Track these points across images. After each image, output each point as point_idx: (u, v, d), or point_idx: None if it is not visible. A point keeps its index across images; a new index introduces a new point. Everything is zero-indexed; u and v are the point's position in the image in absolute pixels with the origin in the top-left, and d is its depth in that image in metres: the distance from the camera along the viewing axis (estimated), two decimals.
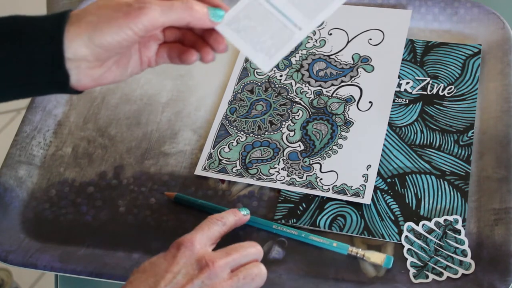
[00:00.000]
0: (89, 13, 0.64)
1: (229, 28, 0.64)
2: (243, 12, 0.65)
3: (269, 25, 0.64)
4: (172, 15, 0.63)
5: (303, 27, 0.64)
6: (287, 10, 0.65)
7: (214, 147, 0.83)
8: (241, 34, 0.64)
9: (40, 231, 0.80)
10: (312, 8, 0.65)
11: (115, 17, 0.63)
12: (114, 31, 0.63)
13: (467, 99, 0.84)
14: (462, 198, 0.77)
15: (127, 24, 0.62)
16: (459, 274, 0.72)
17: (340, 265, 0.74)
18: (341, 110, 0.84)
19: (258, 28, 0.64)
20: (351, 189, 0.78)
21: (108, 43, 0.63)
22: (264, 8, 0.65)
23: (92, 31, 0.63)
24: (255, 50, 0.64)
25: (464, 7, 0.90)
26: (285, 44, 0.64)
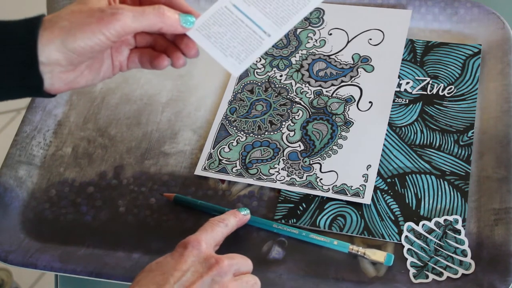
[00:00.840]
0: (62, 18, 0.64)
1: (200, 34, 0.66)
2: (213, 18, 0.67)
3: (239, 31, 0.66)
4: (144, 21, 0.64)
5: (272, 34, 0.66)
6: (256, 17, 0.66)
7: (214, 147, 0.83)
8: (212, 39, 0.66)
9: (40, 231, 0.80)
10: (281, 15, 0.67)
11: (87, 22, 0.64)
12: (87, 36, 0.64)
13: (467, 99, 0.84)
14: (462, 198, 0.77)
15: (99, 29, 0.63)
16: (459, 274, 0.72)
17: (340, 265, 0.74)
18: (341, 110, 0.84)
19: (228, 34, 0.66)
20: (351, 189, 0.78)
21: (81, 48, 0.64)
22: (234, 15, 0.67)
23: (65, 36, 0.63)
24: (225, 55, 0.66)
25: (464, 7, 0.90)
26: (254, 50, 0.66)
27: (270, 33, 0.66)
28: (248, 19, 0.67)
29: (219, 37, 0.66)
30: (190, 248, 0.65)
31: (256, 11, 0.67)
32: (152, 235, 0.78)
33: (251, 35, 0.66)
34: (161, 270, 0.64)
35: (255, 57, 0.66)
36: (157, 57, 0.70)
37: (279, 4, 0.67)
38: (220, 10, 0.67)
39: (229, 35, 0.66)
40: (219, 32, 0.66)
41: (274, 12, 0.67)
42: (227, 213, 0.73)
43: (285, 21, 0.67)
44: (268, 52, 0.90)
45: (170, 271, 0.63)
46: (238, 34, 0.66)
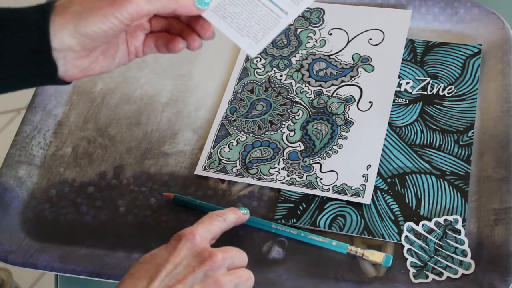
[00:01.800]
0: (73, 2, 0.63)
1: (216, 15, 0.65)
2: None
3: (255, 10, 0.65)
4: (158, 3, 0.64)
5: (289, 12, 0.65)
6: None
7: (214, 147, 0.83)
8: (227, 20, 0.65)
9: (40, 231, 0.80)
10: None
11: (99, 6, 0.63)
12: (99, 20, 0.63)
13: (467, 99, 0.84)
14: (462, 198, 0.77)
15: (112, 12, 0.62)
16: (459, 274, 0.72)
17: (340, 265, 0.74)
18: (341, 110, 0.84)
19: (244, 13, 0.65)
20: (351, 189, 0.78)
21: (94, 32, 0.63)
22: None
23: (77, 20, 0.63)
24: (242, 35, 0.65)
25: (464, 7, 0.90)
26: (271, 29, 0.65)
27: (288, 11, 0.65)
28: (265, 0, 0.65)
29: (235, 17, 0.65)
30: (184, 241, 0.64)
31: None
32: (152, 235, 0.78)
33: (267, 14, 0.65)
34: (154, 262, 0.63)
35: (272, 36, 0.65)
36: (172, 40, 0.69)
37: None
38: None
39: (245, 15, 0.65)
40: (235, 12, 0.65)
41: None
42: (227, 209, 0.72)
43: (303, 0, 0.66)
44: (268, 52, 0.91)
45: (162, 263, 0.63)
46: (255, 13, 0.65)
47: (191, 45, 0.69)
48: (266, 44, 0.65)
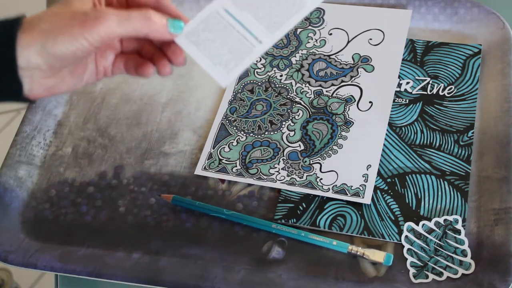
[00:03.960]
0: (42, 20, 0.61)
1: (188, 40, 0.63)
2: (203, 24, 0.63)
3: (229, 38, 0.63)
4: (130, 26, 0.61)
5: (263, 41, 0.63)
6: (249, 23, 0.63)
7: (214, 147, 0.83)
8: (200, 46, 0.63)
9: (40, 231, 0.80)
10: (274, 20, 0.63)
11: (70, 25, 0.60)
12: (68, 40, 0.60)
13: (467, 99, 0.84)
14: (462, 198, 0.77)
15: (81, 33, 0.60)
16: (459, 274, 0.72)
17: (340, 265, 0.74)
18: (341, 110, 0.84)
19: (218, 41, 0.63)
20: (351, 189, 0.78)
21: (62, 52, 0.61)
22: (225, 21, 0.63)
23: (45, 39, 0.60)
24: (214, 63, 0.63)
25: (464, 7, 0.90)
26: (244, 58, 0.63)
27: (262, 40, 0.63)
28: (240, 25, 0.63)
29: (208, 44, 0.63)
30: None
31: (249, 16, 0.63)
32: (152, 235, 0.78)
33: (241, 42, 0.63)
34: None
35: (245, 66, 0.63)
36: (142, 64, 0.67)
37: (273, 8, 0.63)
38: (211, 15, 0.63)
39: (218, 42, 0.63)
40: (208, 39, 0.62)
41: (267, 17, 0.63)
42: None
43: (278, 26, 0.63)
44: (268, 52, 0.90)
45: None
46: (228, 40, 0.63)
47: (161, 70, 0.66)
48: (238, 74, 0.63)
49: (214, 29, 0.62)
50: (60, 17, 0.61)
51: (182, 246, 0.77)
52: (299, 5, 0.63)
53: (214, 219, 0.78)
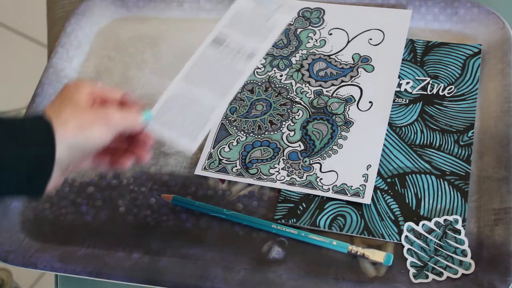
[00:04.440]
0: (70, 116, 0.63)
1: (155, 124, 0.69)
2: (165, 106, 0.70)
3: (188, 112, 0.70)
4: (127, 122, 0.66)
5: (215, 106, 0.71)
6: (202, 95, 0.71)
7: (214, 147, 0.83)
8: (166, 126, 0.69)
9: (40, 231, 0.80)
10: (223, 88, 0.71)
11: (96, 122, 0.64)
12: (99, 134, 0.64)
13: (467, 99, 0.84)
14: (462, 198, 0.77)
15: (107, 127, 0.64)
16: (459, 274, 0.72)
17: (340, 265, 0.74)
18: (341, 110, 0.84)
19: (180, 117, 0.70)
20: (351, 189, 0.78)
21: (91, 146, 0.64)
22: (183, 99, 0.71)
23: (79, 133, 0.62)
24: (179, 137, 0.69)
25: (464, 7, 0.90)
26: (205, 125, 0.70)
27: (214, 106, 0.71)
28: (195, 99, 0.71)
29: (172, 122, 0.69)
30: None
31: (200, 89, 0.71)
32: (152, 235, 0.78)
33: (200, 113, 0.70)
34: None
35: (206, 131, 0.70)
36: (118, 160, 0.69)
37: (221, 79, 0.72)
38: (170, 97, 0.71)
39: (180, 118, 0.70)
40: (171, 118, 0.70)
41: (216, 88, 0.71)
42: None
43: (227, 91, 0.71)
44: (268, 52, 0.90)
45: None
46: (188, 114, 0.70)
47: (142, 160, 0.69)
48: (202, 139, 0.69)
49: (174, 108, 0.70)
50: (82, 113, 0.64)
51: (182, 246, 0.77)
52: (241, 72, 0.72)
53: (214, 219, 0.78)
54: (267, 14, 0.76)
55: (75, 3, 1.00)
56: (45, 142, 0.61)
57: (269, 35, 0.75)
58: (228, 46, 0.74)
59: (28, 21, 1.88)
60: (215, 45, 0.74)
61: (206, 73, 0.73)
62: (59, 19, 1.01)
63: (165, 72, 0.92)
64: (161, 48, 0.95)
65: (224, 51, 0.74)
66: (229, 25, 0.76)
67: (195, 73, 0.73)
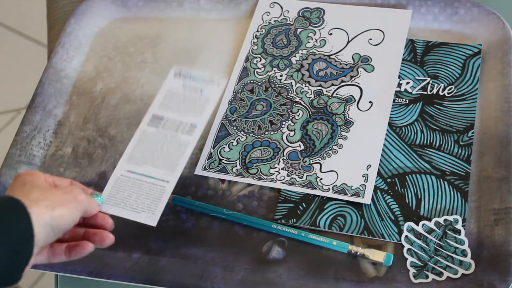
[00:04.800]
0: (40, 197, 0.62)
1: (109, 205, 0.72)
2: (115, 188, 0.73)
3: (141, 189, 0.73)
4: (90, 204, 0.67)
5: (170, 180, 0.73)
6: (151, 172, 0.74)
7: (214, 146, 0.83)
8: (121, 205, 0.72)
9: None
10: (170, 163, 0.74)
11: (66, 200, 0.63)
12: (70, 213, 0.63)
13: (467, 99, 0.84)
14: (462, 198, 0.77)
15: (75, 206, 0.64)
16: (459, 274, 0.72)
17: (340, 265, 0.74)
18: (341, 110, 0.84)
19: (133, 195, 0.72)
20: (351, 189, 0.78)
21: (63, 225, 0.63)
22: (131, 178, 0.74)
23: (51, 212, 0.61)
24: (138, 212, 0.72)
25: (464, 7, 0.90)
26: (161, 198, 0.72)
27: (168, 180, 0.73)
28: (145, 176, 0.73)
29: (127, 200, 0.72)
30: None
31: (149, 167, 0.74)
32: (152, 235, 0.78)
33: (152, 188, 0.73)
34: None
35: (163, 204, 0.72)
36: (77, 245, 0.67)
37: (166, 155, 0.74)
38: (118, 179, 0.73)
39: (134, 196, 0.72)
40: (124, 197, 0.72)
41: (164, 163, 0.74)
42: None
43: (176, 165, 0.74)
44: (268, 52, 0.91)
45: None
46: (141, 191, 0.73)
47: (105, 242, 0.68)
48: (161, 211, 0.72)
49: (126, 188, 0.73)
50: (54, 193, 0.63)
51: (182, 246, 0.77)
52: (185, 143, 0.75)
53: (214, 219, 0.78)
54: (198, 89, 0.78)
55: (75, 3, 1.00)
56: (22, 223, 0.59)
57: (205, 107, 0.77)
58: (166, 124, 0.77)
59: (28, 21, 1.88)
60: (153, 125, 0.77)
61: (150, 151, 0.75)
62: (59, 19, 1.01)
63: (165, 72, 0.91)
64: (161, 48, 0.95)
65: (163, 129, 0.76)
66: (163, 106, 0.78)
67: (138, 153, 0.75)
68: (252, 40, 0.92)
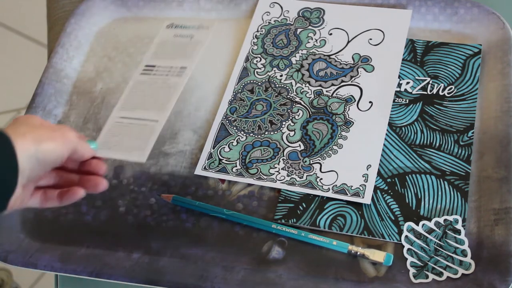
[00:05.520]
0: (28, 130, 0.64)
1: (103, 150, 0.73)
2: (109, 133, 0.75)
3: (132, 131, 0.75)
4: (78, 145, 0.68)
5: (159, 119, 0.75)
6: (142, 115, 0.76)
7: (214, 146, 0.83)
8: (113, 148, 0.74)
9: (40, 231, 0.80)
10: (160, 104, 0.76)
11: (54, 136, 0.65)
12: (54, 147, 0.65)
13: (467, 99, 0.84)
14: (462, 198, 0.77)
15: (63, 142, 0.66)
16: (459, 274, 0.72)
17: (340, 265, 0.74)
18: (341, 110, 0.84)
19: (125, 137, 0.75)
20: (351, 189, 0.78)
21: (49, 159, 0.64)
22: (123, 123, 0.76)
23: (38, 145, 0.63)
24: (129, 152, 0.74)
25: (464, 7, 0.90)
26: (150, 136, 0.74)
27: (157, 118, 0.75)
28: (137, 119, 0.76)
29: (119, 144, 0.74)
30: None
31: (140, 110, 0.77)
32: (152, 235, 0.78)
33: (144, 129, 0.75)
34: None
35: (152, 142, 0.74)
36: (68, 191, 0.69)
37: (156, 98, 0.77)
38: (112, 125, 0.76)
39: (126, 138, 0.75)
40: (117, 141, 0.75)
41: (154, 105, 0.77)
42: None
43: (165, 105, 0.76)
44: (268, 52, 0.91)
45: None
46: (133, 133, 0.75)
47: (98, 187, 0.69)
48: (150, 149, 0.73)
49: (118, 133, 0.75)
50: (41, 128, 0.65)
51: (182, 246, 0.77)
52: (175, 85, 0.77)
53: (214, 219, 0.79)
54: (189, 36, 0.82)
55: (75, 3, 1.00)
56: (6, 153, 0.61)
57: (195, 50, 0.80)
58: (157, 71, 0.80)
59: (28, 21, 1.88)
60: (145, 74, 0.80)
61: (141, 97, 0.78)
62: (59, 19, 1.01)
63: None
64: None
65: (155, 76, 0.79)
66: (155, 56, 0.82)
67: (131, 100, 0.78)
68: (252, 40, 0.92)
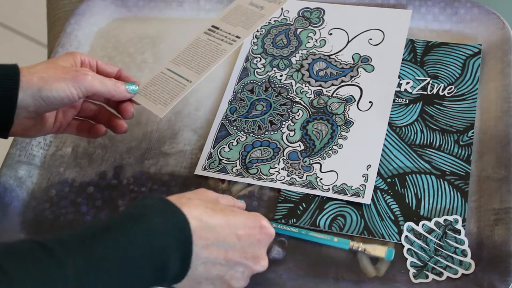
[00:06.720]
0: (40, 70, 0.72)
1: (140, 95, 0.80)
2: (151, 82, 0.81)
3: (168, 85, 0.80)
4: (105, 87, 0.75)
5: (192, 80, 0.79)
6: (183, 72, 0.81)
7: (214, 146, 0.83)
8: (148, 96, 0.80)
9: (40, 231, 0.80)
10: (201, 66, 0.80)
11: (63, 77, 0.72)
12: (61, 88, 0.71)
13: (467, 99, 0.84)
14: (462, 198, 0.77)
15: (73, 84, 0.72)
16: (459, 274, 0.72)
17: (340, 265, 0.74)
18: (341, 110, 0.84)
19: (160, 89, 0.80)
20: (351, 189, 0.78)
21: (53, 97, 0.71)
22: (167, 75, 0.81)
23: (42, 84, 0.71)
24: (155, 103, 0.79)
25: (464, 7, 0.90)
26: (177, 95, 0.79)
27: (191, 80, 0.79)
28: (177, 75, 0.81)
29: (153, 93, 0.80)
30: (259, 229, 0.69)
31: (184, 68, 0.81)
32: None
33: (176, 85, 0.80)
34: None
35: (177, 99, 0.79)
36: (95, 126, 0.80)
37: (202, 58, 0.81)
38: (157, 75, 0.82)
39: (160, 90, 0.80)
40: (153, 90, 0.80)
41: (197, 65, 0.81)
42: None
43: (204, 69, 0.80)
44: (268, 52, 0.91)
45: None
46: (167, 86, 0.80)
47: (119, 130, 0.80)
48: (173, 106, 0.78)
49: (158, 83, 0.81)
50: (55, 70, 0.73)
51: None
52: (219, 52, 0.81)
53: None
54: (260, 6, 0.85)
55: (75, 3, 1.00)
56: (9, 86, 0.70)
57: (256, 22, 0.83)
58: (218, 34, 0.83)
59: (28, 21, 1.88)
60: (208, 34, 0.84)
61: (192, 55, 0.82)
62: (59, 19, 1.01)
63: None
64: (161, 48, 0.95)
65: (214, 38, 0.83)
66: (224, 19, 0.85)
67: (182, 55, 0.82)
68: (252, 40, 0.92)
